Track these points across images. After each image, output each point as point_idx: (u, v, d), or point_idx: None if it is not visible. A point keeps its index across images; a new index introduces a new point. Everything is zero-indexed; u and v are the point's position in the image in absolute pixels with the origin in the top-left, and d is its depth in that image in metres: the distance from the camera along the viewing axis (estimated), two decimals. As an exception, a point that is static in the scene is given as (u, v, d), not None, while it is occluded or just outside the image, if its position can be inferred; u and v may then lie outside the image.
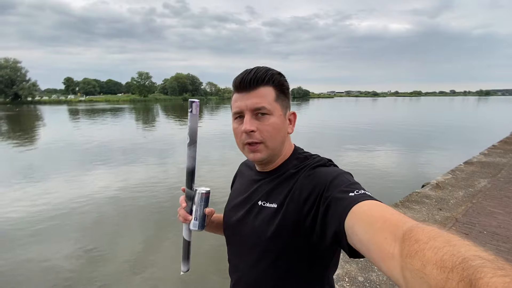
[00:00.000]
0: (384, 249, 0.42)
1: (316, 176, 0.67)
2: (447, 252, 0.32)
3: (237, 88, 0.72)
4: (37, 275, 3.57)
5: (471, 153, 7.61)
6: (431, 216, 3.78)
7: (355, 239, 0.49)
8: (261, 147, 0.71)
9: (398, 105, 63.42)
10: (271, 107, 0.70)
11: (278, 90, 0.72)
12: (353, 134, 15.89)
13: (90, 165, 8.80)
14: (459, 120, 25.82)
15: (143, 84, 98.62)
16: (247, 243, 0.75)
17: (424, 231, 0.37)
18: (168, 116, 32.02)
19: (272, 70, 0.73)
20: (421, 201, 4.29)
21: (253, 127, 0.69)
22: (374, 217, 0.47)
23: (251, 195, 0.78)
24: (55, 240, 4.37)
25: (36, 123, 24.24)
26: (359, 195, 0.55)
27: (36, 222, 4.89)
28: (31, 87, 71.06)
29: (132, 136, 15.59)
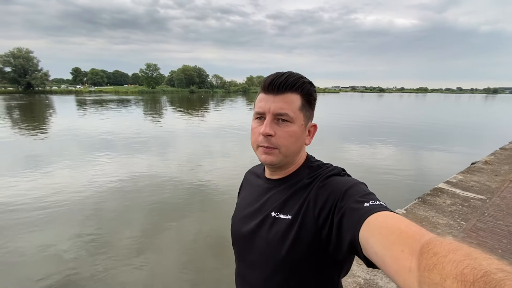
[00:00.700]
0: (400, 263, 0.41)
1: (330, 186, 0.66)
2: (468, 266, 0.31)
3: (265, 89, 0.71)
4: (39, 260, 3.69)
5: (493, 148, 9.13)
6: (492, 178, 5.39)
7: (370, 251, 0.48)
8: (274, 152, 0.70)
9: (410, 102, 64.52)
10: (294, 115, 0.69)
11: (305, 100, 0.71)
12: (385, 130, 17.44)
13: (97, 154, 9.13)
14: (474, 118, 27.36)
15: (151, 76, 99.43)
16: (261, 256, 0.73)
17: (442, 244, 0.37)
18: (174, 108, 32.68)
19: (304, 78, 0.72)
20: (479, 171, 5.89)
21: (272, 131, 0.68)
22: (390, 229, 0.47)
23: (263, 205, 0.76)
24: (58, 227, 4.55)
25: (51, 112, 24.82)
26: (374, 205, 0.55)
27: (39, 209, 5.10)
28: (43, 77, 71.99)
29: (140, 127, 15.97)
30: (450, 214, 3.92)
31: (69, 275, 3.41)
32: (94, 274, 3.45)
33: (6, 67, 66.68)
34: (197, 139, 12.56)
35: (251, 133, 0.75)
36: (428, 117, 25.64)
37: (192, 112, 25.86)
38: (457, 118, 25.99)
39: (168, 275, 3.49)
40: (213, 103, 41.78)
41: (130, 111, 26.97)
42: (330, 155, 9.47)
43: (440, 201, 4.34)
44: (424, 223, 3.64)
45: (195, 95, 74.32)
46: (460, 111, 37.00)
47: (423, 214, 3.89)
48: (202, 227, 4.63)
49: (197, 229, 4.58)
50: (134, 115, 23.46)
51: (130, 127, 15.45)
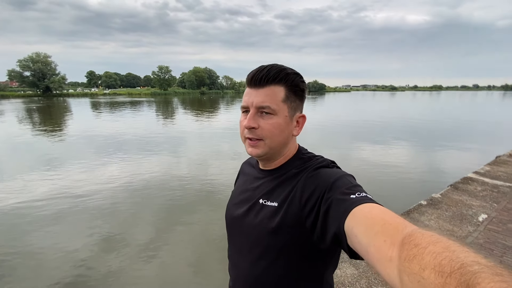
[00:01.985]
0: (382, 252, 0.43)
1: (318, 177, 0.68)
2: (446, 257, 0.32)
3: (248, 83, 0.73)
4: (54, 258, 3.78)
5: None
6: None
7: (355, 241, 0.50)
8: (260, 144, 0.72)
9: (425, 100, 63.80)
10: (277, 108, 0.70)
11: (290, 91, 0.72)
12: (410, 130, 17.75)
13: (112, 155, 9.40)
14: (492, 116, 27.16)
15: (163, 78, 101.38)
16: (248, 240, 0.76)
17: (424, 236, 0.38)
18: (186, 109, 33.28)
19: (288, 69, 0.73)
20: (505, 163, 6.31)
21: (255, 124, 0.70)
22: (374, 220, 0.48)
23: (253, 193, 0.80)
24: (72, 226, 4.68)
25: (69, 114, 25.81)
26: (360, 197, 0.56)
27: (55, 208, 5.25)
28: (60, 80, 74.45)
29: (153, 128, 16.41)
30: (482, 198, 4.41)
31: (82, 273, 3.52)
32: (107, 272, 3.54)
33: (26, 71, 69.30)
34: (208, 140, 12.74)
35: (239, 126, 0.77)
36: (445, 116, 25.63)
37: (203, 113, 26.26)
38: (475, 116, 25.86)
39: (178, 273, 3.58)
40: (223, 104, 42.38)
41: (143, 112, 27.60)
42: (344, 154, 9.99)
43: (471, 188, 4.82)
44: (460, 205, 4.15)
45: (206, 96, 75.45)
46: (477, 109, 36.54)
47: (458, 198, 4.39)
48: (212, 227, 4.71)
49: (208, 229, 4.67)
50: (147, 116, 23.94)
51: (143, 128, 15.83)
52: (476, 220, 3.68)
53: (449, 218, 3.73)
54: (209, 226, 4.73)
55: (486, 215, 3.81)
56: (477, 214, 3.86)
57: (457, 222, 3.64)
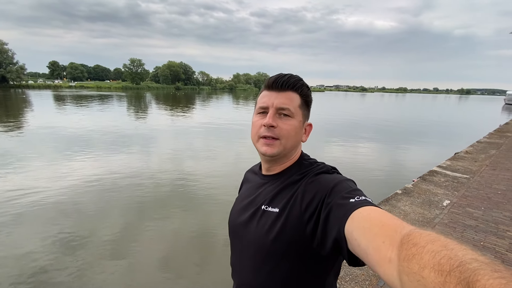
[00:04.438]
0: (381, 253, 0.43)
1: (318, 183, 0.69)
2: (445, 256, 0.32)
3: (269, 87, 0.77)
4: (12, 262, 3.53)
5: (468, 142, 10.78)
6: (472, 163, 6.78)
7: (354, 244, 0.50)
8: (275, 143, 0.75)
9: (392, 101, 67.91)
10: (295, 111, 0.75)
11: (303, 100, 0.78)
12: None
13: (76, 151, 8.91)
14: (451, 116, 29.92)
15: (136, 71, 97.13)
16: (250, 247, 0.77)
17: (422, 235, 0.38)
18: (160, 105, 32.17)
19: (303, 81, 0.79)
20: (462, 159, 7.29)
21: (274, 122, 0.74)
22: (373, 222, 0.49)
23: (255, 199, 0.81)
24: (32, 227, 4.39)
25: (29, 107, 23.84)
26: (359, 201, 0.57)
27: (12, 209, 4.90)
28: (18, 70, 68.54)
29: (123, 124, 15.73)
30: (445, 187, 5.17)
31: (43, 276, 3.34)
32: (70, 274, 3.37)
33: (-23, 59, 62.84)
34: (181, 137, 12.47)
35: (252, 126, 0.80)
36: (411, 116, 27.84)
37: (178, 109, 25.67)
38: (437, 117, 28.38)
39: (148, 274, 3.48)
40: (199, 100, 41.77)
41: (113, 107, 26.39)
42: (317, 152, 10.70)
43: (436, 179, 5.60)
44: (428, 193, 4.85)
45: (181, 92, 73.73)
46: (439, 111, 39.97)
47: (426, 188, 5.11)
48: (183, 226, 4.65)
49: (178, 228, 4.59)
50: (117, 111, 22.91)
51: (112, 124, 15.18)
52: (441, 205, 4.37)
53: (420, 204, 4.38)
54: (181, 226, 4.66)
55: (449, 201, 4.53)
56: (442, 200, 4.57)
57: (427, 207, 4.29)
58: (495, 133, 12.62)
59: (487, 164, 6.82)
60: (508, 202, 4.54)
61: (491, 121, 21.24)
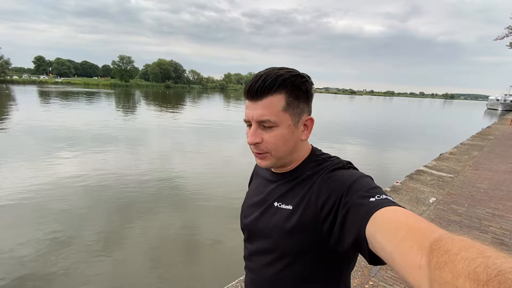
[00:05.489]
0: (410, 260, 0.40)
1: (334, 180, 0.66)
2: (481, 264, 0.30)
3: (246, 96, 0.70)
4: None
5: (452, 144, 11.22)
6: (457, 163, 7.08)
7: (378, 247, 0.48)
8: (267, 156, 0.71)
9: (380, 105, 69.36)
10: (277, 119, 0.67)
11: (291, 96, 0.68)
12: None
13: (62, 149, 8.70)
14: (438, 119, 30.86)
15: (125, 69, 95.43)
16: (263, 243, 0.76)
17: (454, 241, 0.35)
18: (149, 103, 31.76)
19: (285, 74, 0.67)
20: (447, 159, 7.60)
21: (258, 139, 0.69)
22: (398, 225, 0.46)
23: (267, 196, 0.79)
24: (16, 226, 4.28)
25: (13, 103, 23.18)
26: (381, 200, 0.54)
27: None
28: (3, 65, 66.38)
29: (110, 122, 15.42)
30: (431, 185, 5.39)
31: (27, 276, 3.27)
32: (54, 274, 3.31)
33: (-42, 52, 60.36)
34: (169, 136, 12.39)
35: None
36: (398, 119, 28.55)
37: (167, 108, 25.35)
38: (423, 120, 29.22)
39: (134, 273, 3.44)
40: (190, 99, 41.39)
41: (100, 105, 25.87)
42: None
43: (423, 178, 5.82)
44: (415, 191, 5.04)
45: (171, 90, 72.82)
46: (424, 114, 41.18)
47: (413, 186, 5.31)
48: (170, 225, 4.61)
49: (165, 227, 4.56)
50: (104, 109, 22.52)
51: (99, 122, 14.92)
52: (428, 202, 4.56)
53: (408, 201, 4.56)
54: (168, 224, 4.62)
55: (435, 198, 4.73)
56: (428, 197, 4.77)
57: (414, 203, 4.47)
58: (478, 135, 13.17)
59: (470, 165, 7.13)
60: (490, 200, 4.78)
61: (474, 124, 22.12)
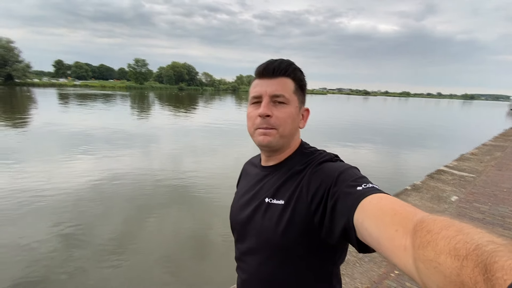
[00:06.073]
0: (395, 242, 0.42)
1: (322, 172, 0.68)
2: (460, 241, 0.32)
3: (260, 75, 0.74)
4: (12, 258, 3.57)
5: (472, 145, 10.98)
6: (478, 164, 6.99)
7: (365, 234, 0.50)
8: (273, 132, 0.72)
9: (396, 106, 68.02)
10: (290, 97, 0.73)
11: (297, 84, 0.75)
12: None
13: (79, 149, 8.97)
14: (460, 120, 30.05)
15: (140, 71, 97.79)
16: (256, 241, 0.76)
17: (435, 221, 0.37)
18: (163, 104, 32.41)
19: (294, 65, 0.76)
20: (468, 159, 7.50)
21: (270, 112, 0.71)
22: (384, 210, 0.48)
23: (258, 192, 0.79)
24: (34, 224, 4.43)
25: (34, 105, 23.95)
26: (367, 188, 0.56)
27: (14, 205, 4.94)
28: (24, 69, 69.21)
29: (125, 122, 15.83)
30: (452, 184, 5.38)
31: (44, 273, 3.37)
32: (70, 271, 3.41)
33: (-16, 56, 63.42)
34: (182, 137, 12.59)
35: (247, 118, 0.77)
36: (418, 120, 27.99)
37: (181, 110, 25.77)
38: (444, 121, 28.53)
39: (148, 270, 3.51)
40: (202, 101, 41.89)
41: (116, 106, 26.58)
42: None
43: (444, 177, 5.81)
44: (436, 189, 5.05)
45: (184, 93, 74.14)
46: (444, 115, 40.11)
47: (434, 185, 5.32)
48: (183, 224, 4.68)
49: (178, 226, 4.63)
50: (120, 111, 23.10)
51: (115, 123, 15.28)
52: (450, 200, 4.58)
53: (429, 199, 4.60)
54: (181, 223, 4.71)
55: (457, 197, 4.74)
56: (450, 196, 4.78)
57: (436, 201, 4.50)
58: (500, 136, 12.90)
59: (492, 165, 7.02)
60: (513, 199, 4.75)
61: (496, 125, 21.40)
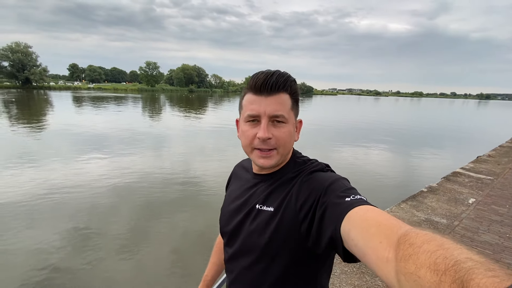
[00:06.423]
0: (379, 254, 0.43)
1: (313, 182, 0.68)
2: (440, 256, 0.32)
3: (257, 90, 0.70)
4: (28, 254, 3.70)
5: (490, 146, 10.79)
6: (496, 166, 6.92)
7: (351, 244, 0.50)
8: (273, 154, 0.72)
9: (408, 106, 66.88)
10: (288, 116, 0.71)
11: (293, 99, 0.73)
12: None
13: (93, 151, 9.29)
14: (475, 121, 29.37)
15: (151, 74, 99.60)
16: (244, 246, 0.76)
17: (418, 235, 0.38)
18: (174, 106, 33.06)
19: (291, 77, 0.72)
20: (485, 161, 7.43)
21: (270, 134, 0.69)
22: (370, 222, 0.49)
23: (248, 199, 0.79)
24: (48, 222, 4.58)
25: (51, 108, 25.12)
26: (355, 200, 0.56)
27: (30, 204, 5.13)
28: (41, 72, 71.40)
29: (138, 124, 16.29)
30: (470, 187, 5.39)
31: (57, 270, 3.47)
32: (82, 269, 3.51)
33: (4, 61, 65.83)
34: (192, 138, 12.84)
35: (243, 136, 0.74)
36: (432, 122, 27.52)
37: (191, 111, 26.17)
38: (458, 122, 27.94)
39: (157, 270, 3.56)
40: (212, 102, 42.39)
41: (129, 108, 27.18)
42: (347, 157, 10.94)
43: (460, 180, 5.81)
44: (453, 191, 5.08)
45: (194, 95, 75.03)
46: (458, 115, 39.20)
47: (450, 187, 5.34)
48: (193, 224, 4.74)
49: (188, 226, 4.69)
50: (132, 113, 23.60)
51: (127, 125, 15.64)
52: (467, 202, 4.61)
53: (446, 201, 4.64)
54: (190, 223, 4.77)
55: (474, 199, 4.76)
56: (467, 198, 4.81)
57: (453, 203, 4.55)
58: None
59: (510, 167, 6.95)
60: (533, 202, 4.73)
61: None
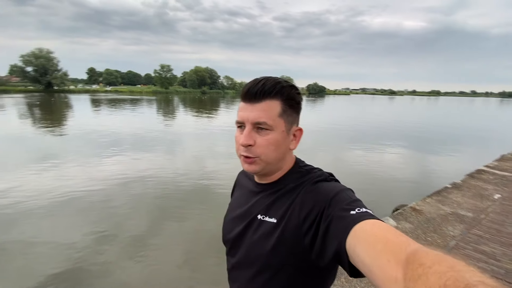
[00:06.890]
0: (387, 273, 0.42)
1: (317, 192, 0.67)
2: (451, 278, 0.31)
3: (243, 98, 0.72)
4: (43, 254, 3.82)
5: None
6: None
7: (357, 260, 0.49)
8: (256, 160, 0.71)
9: (426, 106, 65.28)
10: (273, 123, 0.69)
11: (286, 105, 0.71)
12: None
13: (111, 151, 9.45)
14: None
15: (165, 76, 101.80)
16: (246, 256, 0.76)
17: (428, 255, 0.37)
18: (187, 108, 33.67)
19: (283, 82, 0.71)
20: (509, 160, 7.44)
21: (251, 141, 0.69)
22: (377, 238, 0.48)
23: (250, 208, 0.79)
24: (63, 221, 4.72)
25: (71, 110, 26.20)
26: (361, 213, 0.55)
27: (48, 203, 5.29)
28: (62, 77, 74.35)
29: (153, 125, 16.61)
30: (494, 183, 5.46)
31: (72, 268, 3.57)
32: (97, 267, 3.61)
33: (28, 66, 69.02)
34: (205, 139, 12.95)
35: (235, 141, 0.75)
36: (454, 122, 26.92)
37: (203, 113, 26.50)
38: (480, 122, 27.18)
39: (169, 270, 3.62)
40: (223, 104, 42.81)
41: (144, 110, 27.78)
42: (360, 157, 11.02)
43: (484, 177, 5.88)
44: (477, 188, 5.18)
45: (207, 96, 76.09)
46: (480, 116, 38.01)
47: (475, 183, 5.44)
48: (205, 225, 4.79)
49: (200, 227, 4.76)
50: (147, 114, 24.18)
51: (143, 126, 15.96)
52: (492, 198, 4.72)
53: (471, 196, 4.76)
54: (204, 225, 4.84)
55: (500, 195, 4.85)
56: (492, 194, 4.90)
57: (478, 199, 4.67)
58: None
59: (535, 165, 6.90)
60: (560, 198, 4.77)
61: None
